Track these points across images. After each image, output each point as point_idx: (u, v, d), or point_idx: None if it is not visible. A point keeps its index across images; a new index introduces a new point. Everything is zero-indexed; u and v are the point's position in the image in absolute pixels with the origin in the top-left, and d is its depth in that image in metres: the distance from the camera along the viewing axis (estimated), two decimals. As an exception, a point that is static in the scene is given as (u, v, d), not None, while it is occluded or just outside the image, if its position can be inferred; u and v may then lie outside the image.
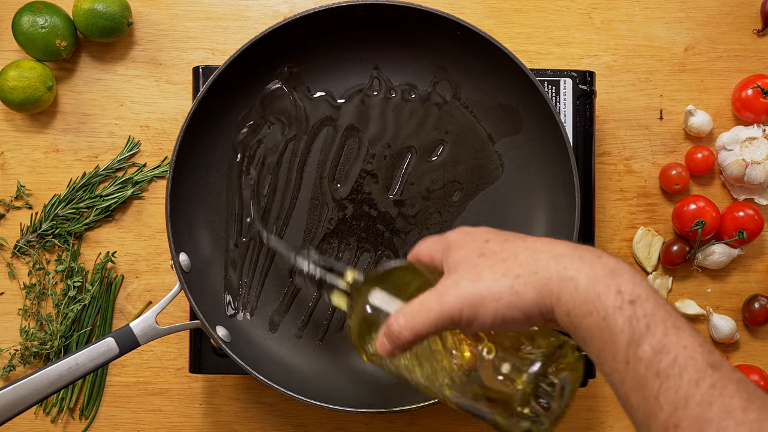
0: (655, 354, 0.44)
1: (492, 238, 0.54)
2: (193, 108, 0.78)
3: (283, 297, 0.85)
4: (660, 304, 0.46)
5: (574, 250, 0.50)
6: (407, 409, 0.76)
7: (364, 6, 0.79)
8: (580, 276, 0.48)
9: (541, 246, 0.52)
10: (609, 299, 0.46)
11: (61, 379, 0.71)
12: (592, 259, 0.49)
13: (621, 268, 0.48)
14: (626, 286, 0.47)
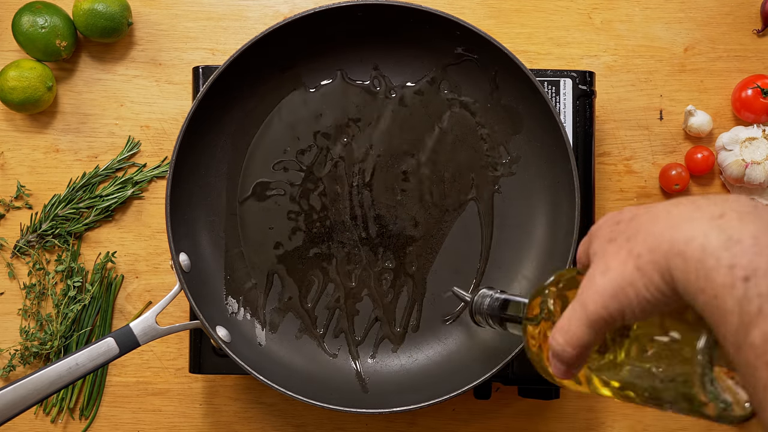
0: (765, 342, 0.37)
1: (624, 218, 0.48)
2: (193, 108, 0.78)
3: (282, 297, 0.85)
4: None
5: (694, 210, 0.43)
6: (407, 409, 0.76)
7: (364, 6, 0.79)
8: (691, 248, 0.41)
9: (661, 212, 0.45)
10: (720, 276, 0.39)
11: (61, 380, 0.71)
12: (708, 223, 0.42)
13: (741, 233, 0.40)
14: (743, 258, 0.39)
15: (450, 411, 0.93)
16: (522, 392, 0.87)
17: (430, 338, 0.85)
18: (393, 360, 0.85)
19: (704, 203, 0.43)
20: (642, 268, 0.44)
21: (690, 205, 0.44)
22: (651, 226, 0.45)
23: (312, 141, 0.85)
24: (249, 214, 0.85)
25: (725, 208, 0.42)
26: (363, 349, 0.85)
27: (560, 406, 0.94)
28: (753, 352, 0.38)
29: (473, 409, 0.93)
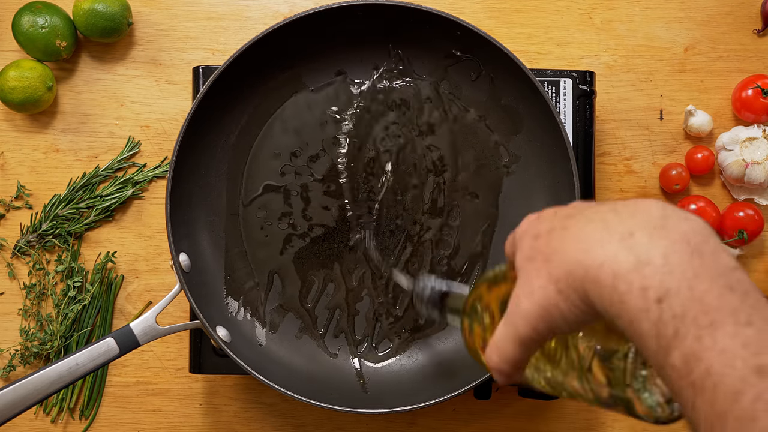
0: (685, 364, 0.36)
1: (542, 231, 0.47)
2: (193, 108, 0.78)
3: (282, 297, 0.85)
4: (695, 296, 0.37)
5: (603, 230, 0.43)
6: (407, 409, 0.76)
7: (364, 6, 0.79)
8: (603, 273, 0.41)
9: (573, 231, 0.45)
10: (633, 300, 0.39)
11: (61, 380, 0.71)
12: (618, 244, 0.41)
13: (650, 253, 0.39)
14: (654, 280, 0.38)
15: (450, 411, 0.93)
16: (522, 392, 0.87)
17: (431, 338, 0.85)
18: (393, 360, 0.85)
19: (614, 221, 0.43)
20: (563, 291, 0.44)
21: (600, 224, 0.43)
22: (565, 247, 0.44)
23: (312, 141, 0.85)
24: (249, 214, 0.85)
25: (634, 226, 0.42)
26: (363, 349, 0.85)
27: (560, 406, 0.94)
28: (675, 374, 0.37)
29: (473, 409, 0.93)
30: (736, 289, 0.38)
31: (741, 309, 0.37)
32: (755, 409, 0.34)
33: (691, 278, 0.38)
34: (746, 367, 0.34)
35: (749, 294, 0.38)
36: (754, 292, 0.38)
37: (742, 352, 0.35)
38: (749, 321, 0.36)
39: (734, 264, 0.39)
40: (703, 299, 0.37)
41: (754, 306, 0.37)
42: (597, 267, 0.41)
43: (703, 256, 0.39)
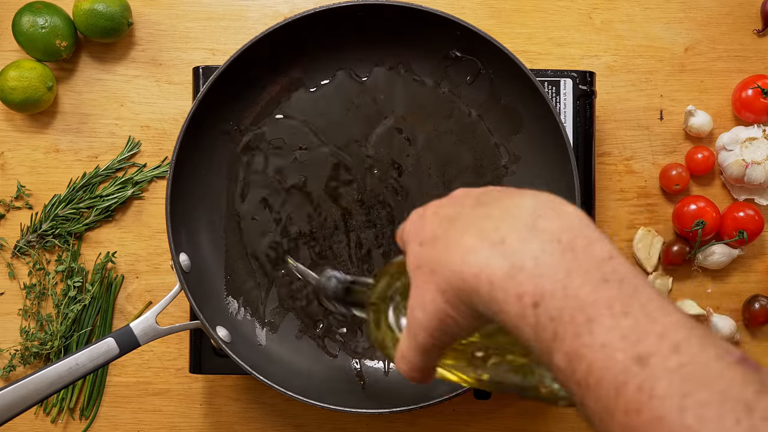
0: (568, 363, 0.36)
1: (426, 237, 0.47)
2: (193, 108, 0.78)
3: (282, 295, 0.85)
4: (570, 294, 0.37)
5: (477, 237, 0.42)
6: (407, 409, 0.76)
7: (365, 6, 0.79)
8: (482, 283, 0.40)
9: (454, 239, 0.44)
10: (511, 307, 0.39)
11: (61, 380, 0.71)
12: (491, 251, 0.41)
13: (522, 257, 0.39)
14: (528, 285, 0.38)
15: (450, 411, 0.93)
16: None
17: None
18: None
19: (488, 227, 0.42)
20: (450, 301, 0.43)
21: (475, 231, 0.43)
22: (447, 256, 0.44)
23: (313, 141, 0.85)
24: (249, 214, 0.85)
25: (505, 230, 0.41)
26: (363, 350, 0.85)
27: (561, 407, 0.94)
28: (561, 374, 0.37)
29: (473, 410, 0.93)
30: (610, 279, 0.37)
31: (617, 299, 0.36)
32: (640, 400, 0.33)
33: (563, 278, 0.38)
34: (627, 358, 0.34)
35: (625, 282, 0.37)
36: (630, 279, 0.37)
37: (621, 343, 0.34)
38: (626, 311, 0.35)
39: (609, 253, 0.39)
40: (577, 296, 0.37)
41: (630, 294, 0.36)
42: (474, 277, 0.41)
43: (576, 251, 0.39)
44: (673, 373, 0.33)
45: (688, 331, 0.35)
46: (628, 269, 0.38)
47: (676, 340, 0.34)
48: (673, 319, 0.35)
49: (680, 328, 0.35)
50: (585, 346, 0.36)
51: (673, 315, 0.36)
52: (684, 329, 0.35)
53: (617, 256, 0.38)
